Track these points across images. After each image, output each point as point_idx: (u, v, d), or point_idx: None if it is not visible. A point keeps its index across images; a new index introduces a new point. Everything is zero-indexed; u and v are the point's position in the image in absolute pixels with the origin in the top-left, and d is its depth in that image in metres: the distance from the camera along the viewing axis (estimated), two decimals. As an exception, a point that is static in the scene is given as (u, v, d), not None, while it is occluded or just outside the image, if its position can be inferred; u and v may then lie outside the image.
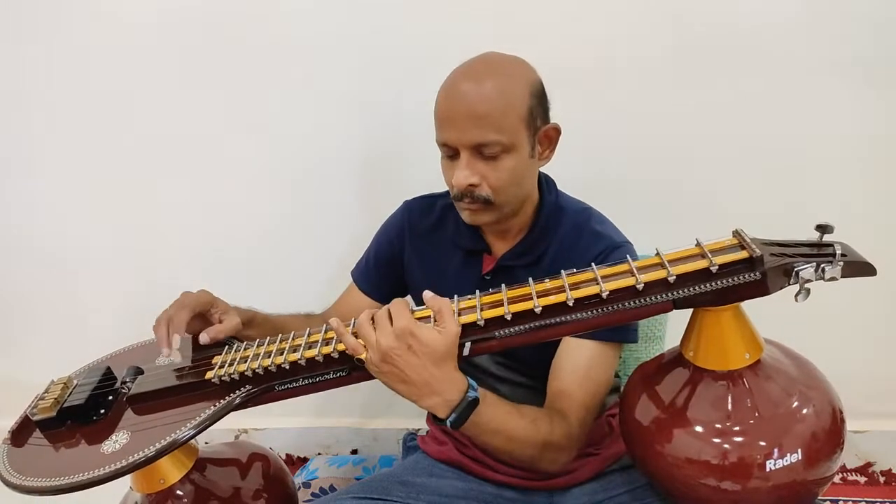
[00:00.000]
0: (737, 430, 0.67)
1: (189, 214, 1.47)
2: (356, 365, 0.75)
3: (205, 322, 0.90)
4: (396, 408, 1.61)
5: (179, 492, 0.83)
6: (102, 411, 0.81)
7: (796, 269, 0.64)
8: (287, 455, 1.72)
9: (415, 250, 1.04)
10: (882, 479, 1.47)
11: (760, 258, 0.63)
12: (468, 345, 0.72)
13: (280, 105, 1.34)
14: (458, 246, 0.99)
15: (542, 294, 0.70)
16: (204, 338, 0.86)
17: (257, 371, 0.77)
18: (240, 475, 0.91)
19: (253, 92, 1.33)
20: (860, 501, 1.42)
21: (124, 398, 0.82)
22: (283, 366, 0.76)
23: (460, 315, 0.72)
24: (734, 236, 0.68)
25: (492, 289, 0.75)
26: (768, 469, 0.65)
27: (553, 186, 0.99)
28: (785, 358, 0.74)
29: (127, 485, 0.86)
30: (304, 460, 1.69)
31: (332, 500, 0.93)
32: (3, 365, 1.70)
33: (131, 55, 1.33)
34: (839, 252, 0.63)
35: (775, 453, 0.65)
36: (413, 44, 1.24)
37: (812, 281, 0.64)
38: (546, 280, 0.72)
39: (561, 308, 0.68)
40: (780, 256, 0.65)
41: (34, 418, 0.80)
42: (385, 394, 1.75)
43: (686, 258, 0.67)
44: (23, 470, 0.75)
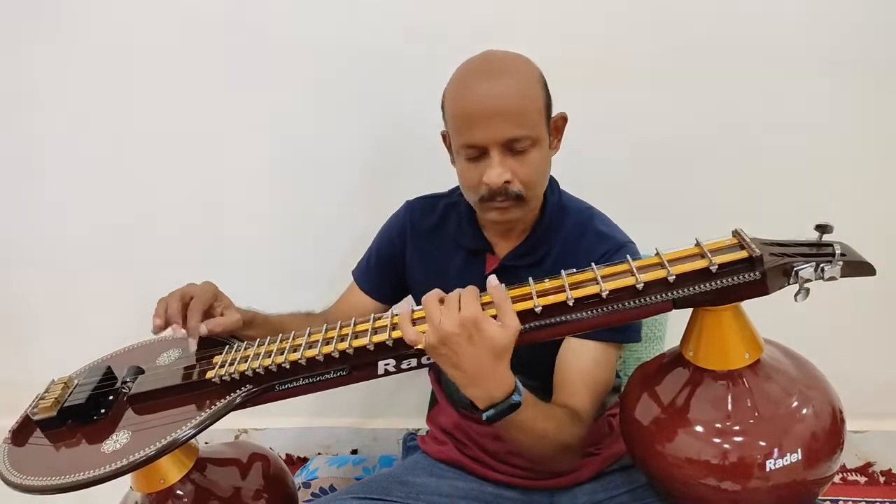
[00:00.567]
0: (737, 430, 0.67)
1: (189, 214, 1.47)
2: (356, 364, 0.75)
3: (206, 314, 0.89)
4: (396, 408, 1.61)
5: (179, 491, 0.83)
6: (103, 411, 0.81)
7: (796, 269, 0.64)
8: (287, 455, 1.72)
9: (416, 250, 1.04)
10: (882, 479, 1.47)
11: (760, 258, 0.63)
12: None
13: (281, 104, 1.34)
14: (461, 245, 0.99)
15: (542, 294, 0.70)
16: (202, 328, 0.85)
17: (258, 370, 0.77)
18: (240, 475, 0.91)
19: (253, 92, 1.33)
20: (860, 501, 1.42)
21: (125, 398, 0.82)
22: (284, 365, 0.76)
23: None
24: (734, 236, 0.68)
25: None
26: (768, 469, 0.65)
27: (556, 186, 0.98)
28: (785, 358, 0.74)
29: (127, 484, 0.86)
30: (304, 460, 1.69)
31: (332, 500, 0.93)
32: (4, 365, 1.70)
33: (131, 55, 1.33)
34: (839, 252, 0.63)
35: (775, 453, 0.65)
36: (414, 43, 1.24)
37: (811, 281, 0.64)
38: (546, 280, 0.72)
39: (561, 308, 0.68)
40: (780, 256, 0.65)
41: (35, 418, 0.80)
42: (385, 394, 1.74)
43: (686, 258, 0.68)
44: (23, 469, 0.75)
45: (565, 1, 1.18)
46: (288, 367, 0.76)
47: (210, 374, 0.79)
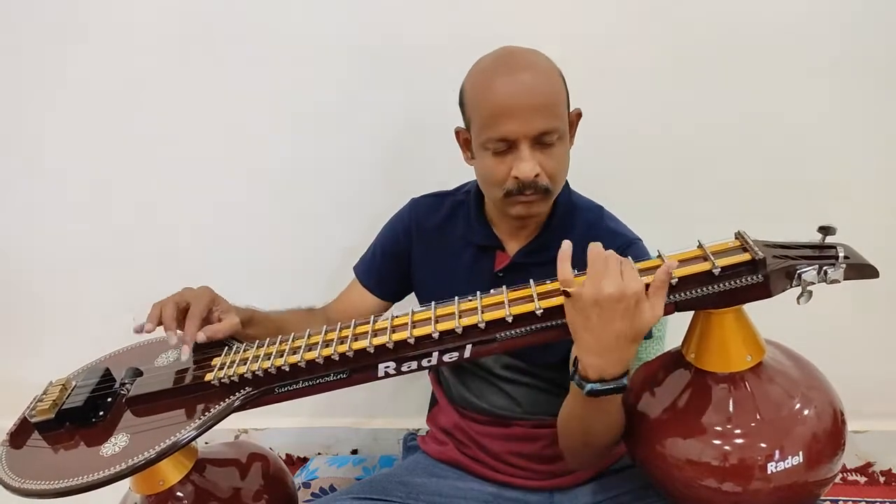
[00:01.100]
0: (738, 433, 0.67)
1: (189, 214, 1.47)
2: (356, 367, 0.75)
3: (204, 320, 0.88)
4: (397, 408, 1.61)
5: (179, 493, 0.83)
6: (101, 413, 0.80)
7: (799, 272, 0.64)
8: (287, 455, 1.72)
9: (423, 248, 1.03)
10: (882, 479, 1.47)
11: (763, 261, 0.63)
12: (469, 347, 0.72)
13: (281, 104, 1.34)
14: (471, 242, 0.98)
15: (543, 296, 0.70)
16: (201, 336, 0.83)
17: (257, 373, 0.76)
18: (240, 476, 0.91)
19: (253, 91, 1.33)
20: (860, 501, 1.42)
21: (123, 400, 0.81)
22: (283, 368, 0.76)
23: (461, 317, 0.72)
24: (737, 238, 0.68)
25: (493, 290, 0.74)
26: (769, 471, 0.65)
27: (567, 184, 0.97)
28: (786, 359, 0.74)
29: (126, 485, 0.86)
30: (304, 460, 1.69)
31: (332, 500, 0.93)
32: (3, 365, 1.70)
33: (132, 56, 1.32)
34: (842, 254, 0.63)
35: (777, 455, 0.65)
36: (415, 43, 1.24)
37: (814, 283, 0.64)
38: (547, 281, 0.72)
39: (562, 310, 0.68)
40: (783, 258, 0.65)
41: (32, 420, 0.79)
42: (385, 394, 1.74)
43: (688, 260, 0.67)
44: (22, 473, 0.74)
45: (565, 1, 1.18)
46: (287, 370, 0.76)
47: (209, 377, 0.79)
